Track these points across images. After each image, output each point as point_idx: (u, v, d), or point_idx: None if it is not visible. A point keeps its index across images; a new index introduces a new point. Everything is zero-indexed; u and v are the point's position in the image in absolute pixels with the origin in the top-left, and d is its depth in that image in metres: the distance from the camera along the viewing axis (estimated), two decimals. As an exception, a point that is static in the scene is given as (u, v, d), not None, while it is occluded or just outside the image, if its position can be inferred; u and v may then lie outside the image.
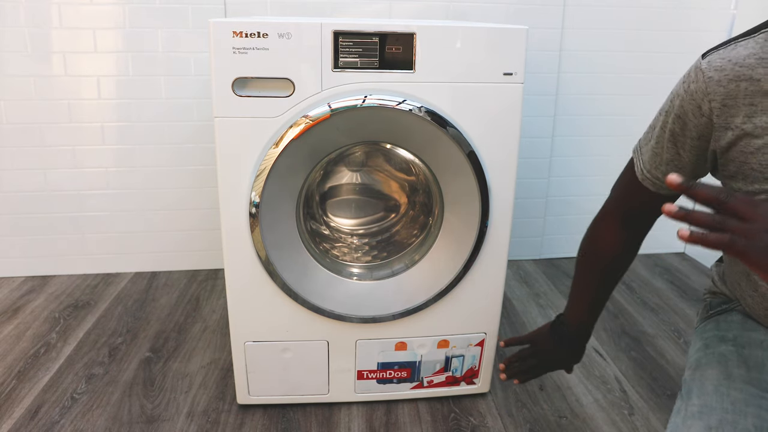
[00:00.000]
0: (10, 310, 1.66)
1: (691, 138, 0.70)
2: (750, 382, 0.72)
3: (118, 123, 1.76)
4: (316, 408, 1.26)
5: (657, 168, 0.76)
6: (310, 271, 1.15)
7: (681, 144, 0.72)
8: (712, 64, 0.66)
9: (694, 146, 0.71)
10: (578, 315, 0.98)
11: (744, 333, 0.79)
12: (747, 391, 0.71)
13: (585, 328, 1.00)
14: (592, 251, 0.92)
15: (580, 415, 1.26)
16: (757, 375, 0.73)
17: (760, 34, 0.64)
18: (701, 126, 0.68)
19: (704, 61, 0.67)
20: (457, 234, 1.14)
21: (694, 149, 0.71)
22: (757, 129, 0.63)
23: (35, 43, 1.66)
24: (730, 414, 0.68)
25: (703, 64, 0.67)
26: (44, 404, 1.25)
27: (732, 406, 0.69)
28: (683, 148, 0.72)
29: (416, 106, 1.01)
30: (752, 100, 0.63)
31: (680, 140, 0.72)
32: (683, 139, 0.71)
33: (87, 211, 1.84)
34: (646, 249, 2.13)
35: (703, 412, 0.70)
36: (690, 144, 0.71)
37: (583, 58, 1.87)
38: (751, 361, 0.75)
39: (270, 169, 1.02)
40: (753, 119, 0.63)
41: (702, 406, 0.71)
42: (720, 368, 0.75)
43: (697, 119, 0.68)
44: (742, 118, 0.64)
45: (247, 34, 0.96)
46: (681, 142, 0.72)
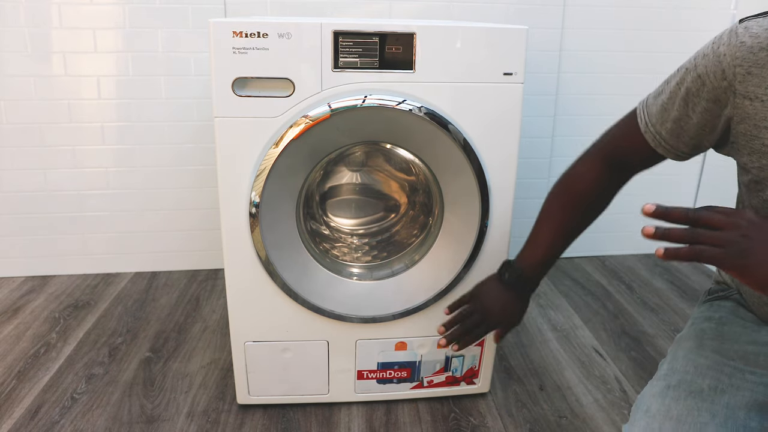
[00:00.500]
0: (10, 310, 1.66)
1: (705, 100, 0.68)
2: (719, 351, 0.75)
3: (118, 123, 1.76)
4: (316, 408, 1.26)
5: (662, 124, 0.74)
6: (310, 271, 1.15)
7: (693, 105, 0.70)
8: (749, 30, 0.63)
9: (706, 109, 0.69)
10: (533, 255, 0.93)
11: (730, 316, 0.82)
12: (712, 359, 0.74)
13: (535, 273, 0.94)
14: (568, 184, 0.90)
15: (580, 415, 1.26)
16: (729, 346, 0.75)
17: None
18: (719, 90, 0.66)
19: (741, 25, 0.64)
20: (457, 234, 1.14)
21: (705, 113, 0.69)
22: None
23: (35, 43, 1.66)
24: (690, 375, 0.72)
25: (740, 28, 0.64)
26: (44, 404, 1.25)
27: (694, 369, 0.73)
28: (694, 110, 0.70)
29: (416, 106, 1.01)
30: None
31: (693, 100, 0.70)
32: (697, 99, 0.69)
33: (87, 211, 1.84)
34: (646, 249, 2.13)
35: (667, 375, 0.74)
36: (702, 106, 0.69)
37: (583, 58, 1.87)
38: (727, 335, 0.78)
39: (270, 169, 1.02)
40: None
41: (668, 370, 0.75)
42: (695, 340, 0.79)
43: (718, 82, 0.66)
44: (764, 89, 0.62)
45: (247, 34, 0.96)
46: (694, 102, 0.70)
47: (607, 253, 2.11)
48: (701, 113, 0.69)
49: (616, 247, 2.11)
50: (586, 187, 0.88)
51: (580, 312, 1.70)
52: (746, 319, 0.80)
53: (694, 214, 0.55)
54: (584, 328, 1.62)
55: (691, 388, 0.70)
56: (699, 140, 0.73)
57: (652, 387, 0.74)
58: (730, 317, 0.81)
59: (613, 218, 2.08)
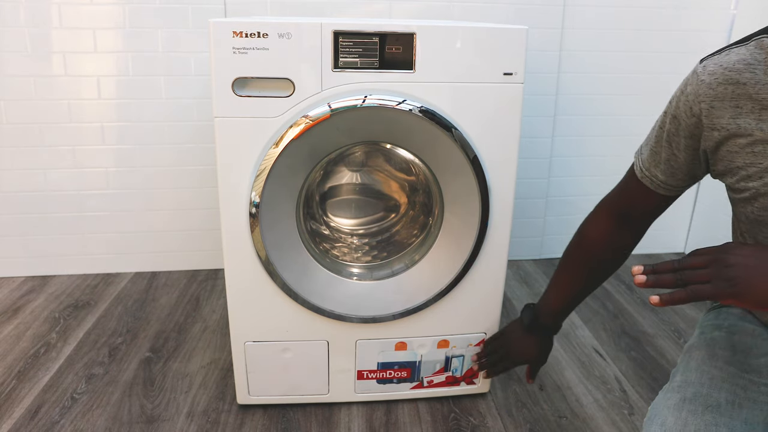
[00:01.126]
0: (10, 310, 1.66)
1: (684, 137, 0.74)
2: (732, 362, 0.76)
3: (118, 123, 1.76)
4: (316, 408, 1.26)
5: (656, 166, 0.80)
6: (310, 271, 1.15)
7: (676, 144, 0.76)
8: (706, 68, 0.71)
9: (688, 145, 0.75)
10: (552, 306, 1.02)
11: (739, 323, 0.83)
12: (726, 370, 0.75)
13: (557, 321, 1.05)
14: (582, 244, 0.94)
15: (580, 415, 1.26)
16: (741, 357, 0.76)
17: (752, 41, 0.68)
18: (692, 126, 0.73)
19: (700, 65, 0.72)
20: (457, 234, 1.14)
21: (687, 148, 0.75)
22: (741, 129, 0.67)
23: (35, 43, 1.66)
24: (705, 388, 0.72)
25: (699, 68, 0.72)
26: (44, 404, 1.25)
27: (709, 382, 0.73)
28: (678, 148, 0.76)
29: (416, 106, 1.01)
30: (737, 103, 0.67)
31: (675, 140, 0.76)
32: (677, 138, 0.75)
33: (87, 211, 1.84)
34: (646, 249, 2.13)
35: (681, 386, 0.74)
36: (684, 143, 0.75)
37: (583, 58, 1.87)
38: (738, 345, 0.78)
39: (270, 169, 1.02)
40: (737, 120, 0.68)
41: (682, 382, 0.75)
42: (707, 350, 0.79)
43: (689, 119, 0.72)
44: (727, 119, 0.68)
45: (247, 34, 0.96)
46: (676, 141, 0.76)
47: (607, 253, 2.11)
48: (685, 150, 0.75)
49: (616, 247, 2.11)
50: (597, 244, 0.92)
51: (580, 312, 1.70)
52: (755, 325, 0.81)
53: (680, 263, 0.60)
54: (584, 328, 1.62)
55: (708, 402, 0.70)
56: (693, 173, 0.78)
57: (666, 399, 0.73)
58: (738, 325, 0.82)
59: (613, 218, 2.07)
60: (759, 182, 0.67)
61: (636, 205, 0.86)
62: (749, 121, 0.67)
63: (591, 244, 0.93)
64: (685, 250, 2.15)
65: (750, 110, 0.67)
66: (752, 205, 0.70)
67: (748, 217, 0.72)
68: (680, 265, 0.60)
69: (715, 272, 0.58)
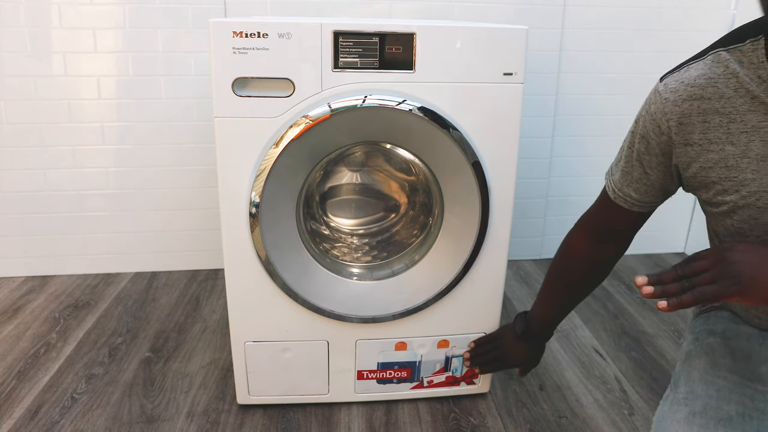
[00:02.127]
0: (10, 310, 1.66)
1: (655, 155, 0.75)
2: (735, 371, 0.75)
3: (118, 123, 1.76)
4: (316, 408, 1.26)
5: (629, 186, 0.80)
6: (310, 271, 1.15)
7: (647, 162, 0.76)
8: (668, 86, 0.71)
9: (660, 163, 0.75)
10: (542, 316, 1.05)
11: (732, 326, 0.83)
12: (731, 380, 0.74)
13: (547, 330, 1.08)
14: (565, 259, 0.96)
15: (580, 415, 1.26)
16: (743, 365, 0.76)
17: (708, 56, 0.69)
18: (663, 144, 0.73)
19: (661, 84, 0.72)
20: (457, 234, 1.14)
21: (660, 166, 0.75)
22: (712, 144, 0.68)
23: (35, 43, 1.66)
24: (714, 401, 0.72)
25: (660, 86, 0.72)
26: (44, 404, 1.25)
27: (717, 393, 0.72)
28: (650, 166, 0.77)
29: (416, 106, 1.01)
30: (705, 118, 0.68)
31: (646, 159, 0.76)
32: (648, 157, 0.76)
33: (87, 211, 1.84)
34: (646, 249, 2.13)
35: (688, 399, 0.73)
36: (656, 161, 0.75)
37: (583, 58, 1.87)
38: (737, 352, 0.78)
39: (270, 169, 1.02)
40: (707, 135, 0.68)
41: (688, 393, 0.74)
42: (707, 358, 0.79)
43: (659, 137, 0.73)
44: (698, 134, 0.69)
45: (247, 34, 0.96)
46: (647, 160, 0.76)
47: (607, 253, 2.11)
48: (657, 167, 0.76)
49: (616, 247, 2.11)
50: (579, 261, 0.94)
51: (580, 312, 1.70)
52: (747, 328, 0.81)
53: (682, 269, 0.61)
54: (584, 328, 1.62)
55: (719, 416, 0.69)
56: (666, 188, 0.79)
57: (673, 412, 0.72)
58: (732, 329, 0.82)
59: (613, 218, 2.08)
60: (736, 195, 0.67)
61: (613, 222, 0.86)
62: (719, 135, 0.67)
63: (574, 260, 0.94)
64: (685, 250, 2.15)
65: (718, 124, 0.67)
66: (731, 218, 0.70)
67: (728, 229, 0.72)
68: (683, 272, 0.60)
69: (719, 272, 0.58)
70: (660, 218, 0.84)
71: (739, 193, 0.67)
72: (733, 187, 0.67)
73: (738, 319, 0.83)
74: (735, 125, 0.66)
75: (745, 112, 0.65)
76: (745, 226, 0.68)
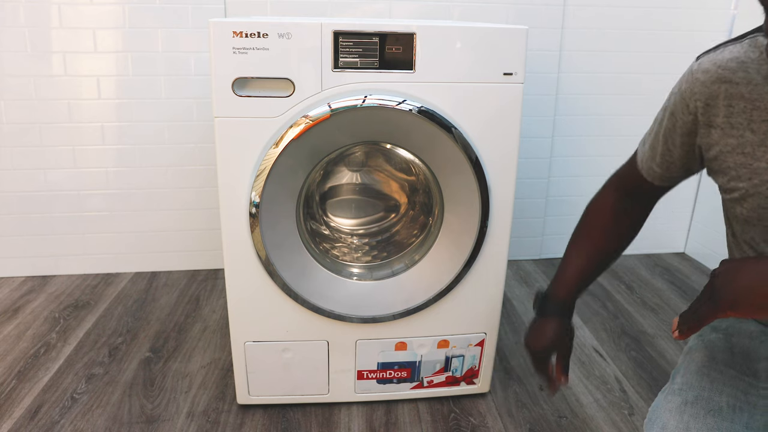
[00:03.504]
0: (10, 310, 1.66)
1: (680, 135, 0.75)
2: (732, 365, 0.76)
3: (118, 123, 1.76)
4: (316, 408, 1.26)
5: (653, 159, 0.81)
6: (310, 271, 1.15)
7: (672, 140, 0.77)
8: (701, 66, 0.70)
9: (684, 142, 0.75)
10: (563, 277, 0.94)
11: (735, 324, 0.83)
12: (727, 373, 0.75)
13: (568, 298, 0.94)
14: (591, 210, 0.92)
15: (580, 415, 1.26)
16: (740, 360, 0.76)
17: (746, 39, 0.67)
18: (688, 123, 0.73)
19: (696, 63, 0.72)
20: (457, 234, 1.14)
21: (684, 145, 0.76)
22: (733, 129, 0.68)
23: (35, 43, 1.66)
24: (706, 392, 0.73)
25: (695, 65, 0.72)
26: (44, 404, 1.25)
27: (710, 385, 0.73)
28: (674, 144, 0.76)
29: (416, 106, 1.01)
30: (730, 102, 0.67)
31: (671, 136, 0.76)
32: (674, 135, 0.76)
33: (87, 211, 1.84)
34: (646, 249, 2.13)
35: (683, 389, 0.74)
36: (679, 140, 0.75)
37: (583, 58, 1.87)
38: (737, 347, 0.79)
39: (270, 169, 1.02)
40: (730, 119, 0.68)
41: (683, 384, 0.75)
42: (706, 352, 0.80)
43: (685, 116, 0.73)
44: (722, 117, 0.69)
45: (247, 34, 0.96)
46: (672, 138, 0.76)
47: (607, 253, 2.11)
48: (681, 146, 0.76)
49: (616, 247, 2.11)
50: (604, 210, 0.92)
51: (580, 312, 1.70)
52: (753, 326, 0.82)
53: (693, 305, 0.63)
54: (584, 328, 1.62)
55: (709, 406, 0.70)
56: (688, 167, 0.79)
57: (667, 402, 0.74)
58: (736, 326, 0.82)
59: (613, 218, 2.08)
60: (748, 183, 0.67)
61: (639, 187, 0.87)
62: (741, 120, 0.67)
63: (600, 210, 0.91)
64: (685, 250, 2.15)
65: (742, 110, 0.67)
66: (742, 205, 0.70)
67: (738, 217, 0.72)
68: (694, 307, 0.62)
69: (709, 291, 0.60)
70: (660, 218, 0.84)
71: (752, 181, 0.67)
72: (747, 175, 0.67)
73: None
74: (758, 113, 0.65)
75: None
76: (754, 215, 0.68)
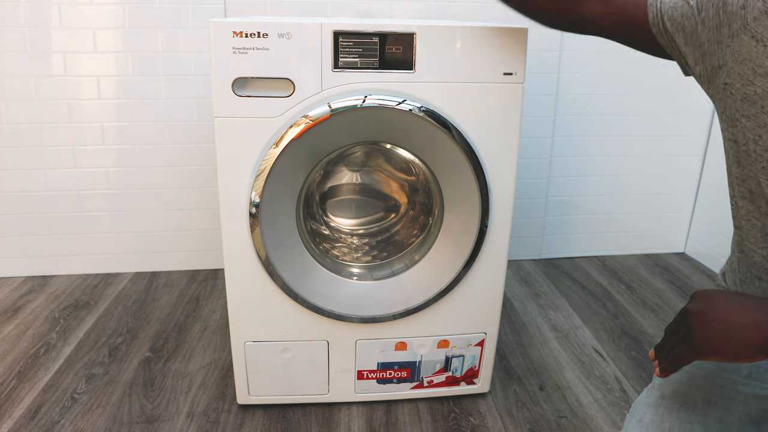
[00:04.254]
0: (10, 310, 1.66)
1: (719, 18, 0.64)
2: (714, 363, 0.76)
3: (118, 123, 1.76)
4: (316, 408, 1.26)
5: (673, 9, 0.70)
6: (310, 271, 1.15)
7: (705, 16, 0.65)
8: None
9: (716, 27, 0.65)
10: None
11: None
12: (706, 369, 0.75)
13: None
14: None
15: (580, 415, 1.26)
16: None
17: None
18: (735, 16, 0.62)
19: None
20: (457, 234, 1.14)
21: (714, 30, 0.65)
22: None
23: (35, 43, 1.66)
24: (684, 387, 0.73)
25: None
26: (44, 404, 1.25)
27: (688, 381, 0.74)
28: (704, 22, 0.65)
29: (416, 106, 1.01)
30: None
31: (710, 12, 0.65)
32: (713, 11, 0.64)
33: (87, 211, 1.84)
34: (646, 249, 2.13)
35: (662, 384, 0.75)
36: (715, 22, 0.65)
37: (583, 58, 1.87)
38: None
39: (270, 169, 1.02)
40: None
41: (663, 380, 0.76)
42: None
43: (736, 8, 0.61)
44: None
45: (247, 34, 0.96)
46: (708, 13, 0.65)
47: (607, 253, 2.11)
48: (710, 30, 0.64)
49: (616, 247, 2.11)
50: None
51: (580, 312, 1.70)
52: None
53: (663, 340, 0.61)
54: (584, 328, 1.62)
55: (684, 400, 0.71)
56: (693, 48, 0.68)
57: (647, 396, 0.75)
58: None
59: (613, 218, 2.08)
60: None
61: (617, 32, 0.82)
62: None
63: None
64: (685, 250, 2.15)
65: None
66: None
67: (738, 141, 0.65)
68: (663, 343, 0.60)
69: (683, 330, 0.57)
70: (660, 218, 0.84)
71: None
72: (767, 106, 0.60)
73: None
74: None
75: None
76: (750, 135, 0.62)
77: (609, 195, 2.05)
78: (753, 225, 0.69)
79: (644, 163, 2.03)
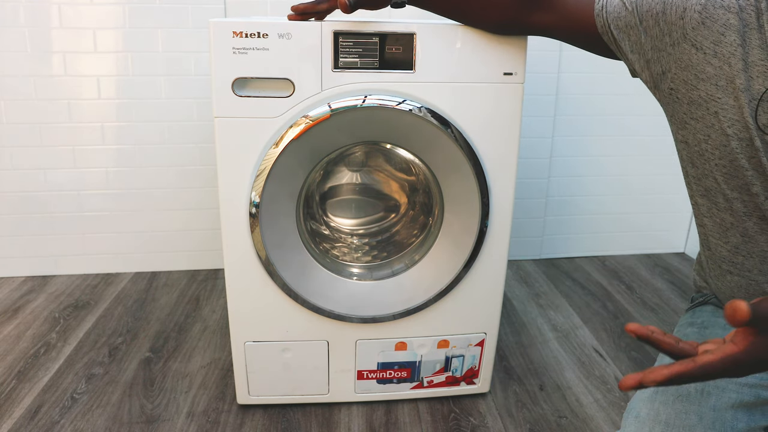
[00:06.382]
0: (10, 310, 1.66)
1: (659, 29, 0.69)
2: None
3: (118, 123, 1.76)
4: (316, 408, 1.26)
5: (616, 22, 0.74)
6: (310, 271, 1.15)
7: (647, 25, 0.70)
8: None
9: (657, 37, 0.70)
10: None
11: (711, 319, 0.84)
12: None
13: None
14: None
15: (580, 415, 1.26)
16: None
17: None
18: (674, 26, 0.67)
19: None
20: (457, 234, 1.14)
21: (655, 38, 0.70)
22: (716, 58, 0.64)
23: (35, 43, 1.66)
24: None
25: None
26: (44, 404, 1.25)
27: None
28: (647, 32, 0.71)
29: (416, 106, 1.01)
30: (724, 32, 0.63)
31: (650, 22, 0.70)
32: (653, 22, 0.69)
33: (87, 211, 1.84)
34: (646, 249, 2.13)
35: None
36: (656, 32, 0.70)
37: (583, 58, 1.87)
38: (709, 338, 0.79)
39: (270, 169, 1.02)
40: (718, 47, 0.64)
41: None
42: None
43: (676, 19, 0.67)
44: (710, 42, 0.64)
45: (247, 34, 0.96)
46: (649, 24, 0.70)
47: (607, 253, 2.11)
48: (652, 39, 0.69)
49: (616, 247, 2.11)
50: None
51: (580, 312, 1.70)
52: (725, 319, 0.82)
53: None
54: (584, 328, 1.62)
55: (678, 392, 0.72)
56: (637, 48, 0.72)
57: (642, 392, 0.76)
58: (710, 320, 0.84)
59: (613, 218, 2.08)
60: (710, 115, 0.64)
61: (553, 26, 0.84)
62: (730, 50, 0.62)
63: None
64: (685, 250, 2.15)
65: (732, 42, 0.62)
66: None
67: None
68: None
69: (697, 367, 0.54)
70: (660, 218, 0.84)
71: (712, 116, 0.64)
72: (713, 108, 0.64)
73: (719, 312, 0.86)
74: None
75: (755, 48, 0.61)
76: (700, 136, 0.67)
77: (609, 195, 2.05)
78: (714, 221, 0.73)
79: (644, 163, 2.03)
